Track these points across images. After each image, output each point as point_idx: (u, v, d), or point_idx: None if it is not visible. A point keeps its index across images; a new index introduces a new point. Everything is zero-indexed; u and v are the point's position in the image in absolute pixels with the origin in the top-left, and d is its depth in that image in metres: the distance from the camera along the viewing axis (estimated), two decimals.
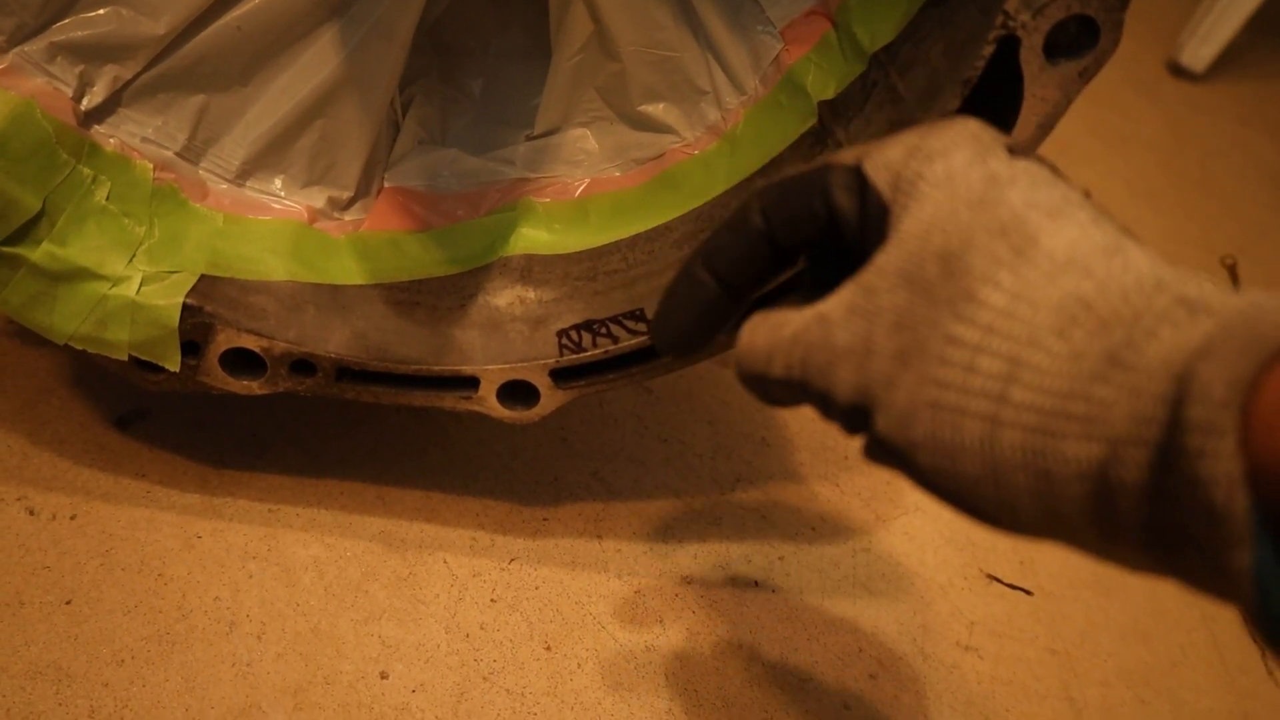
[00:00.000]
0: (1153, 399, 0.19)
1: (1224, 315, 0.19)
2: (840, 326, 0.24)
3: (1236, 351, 0.18)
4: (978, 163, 0.24)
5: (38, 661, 0.39)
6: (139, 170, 0.41)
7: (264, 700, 0.40)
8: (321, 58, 0.42)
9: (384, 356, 0.42)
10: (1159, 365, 0.19)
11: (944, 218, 0.23)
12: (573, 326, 0.42)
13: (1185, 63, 1.13)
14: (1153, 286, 0.21)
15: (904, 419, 0.23)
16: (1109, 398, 0.20)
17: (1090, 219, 0.23)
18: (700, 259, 0.28)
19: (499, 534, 0.49)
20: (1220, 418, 0.18)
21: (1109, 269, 0.21)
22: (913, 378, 0.23)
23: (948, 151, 0.24)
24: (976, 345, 0.22)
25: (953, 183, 0.24)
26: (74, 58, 0.39)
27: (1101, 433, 0.20)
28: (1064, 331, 0.21)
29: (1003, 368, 0.21)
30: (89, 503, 0.45)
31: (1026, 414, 0.21)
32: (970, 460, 0.22)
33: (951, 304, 0.22)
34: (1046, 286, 0.22)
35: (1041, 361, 0.21)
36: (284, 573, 0.45)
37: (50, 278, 0.38)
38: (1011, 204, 0.23)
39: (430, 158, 0.47)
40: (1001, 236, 0.22)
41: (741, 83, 0.45)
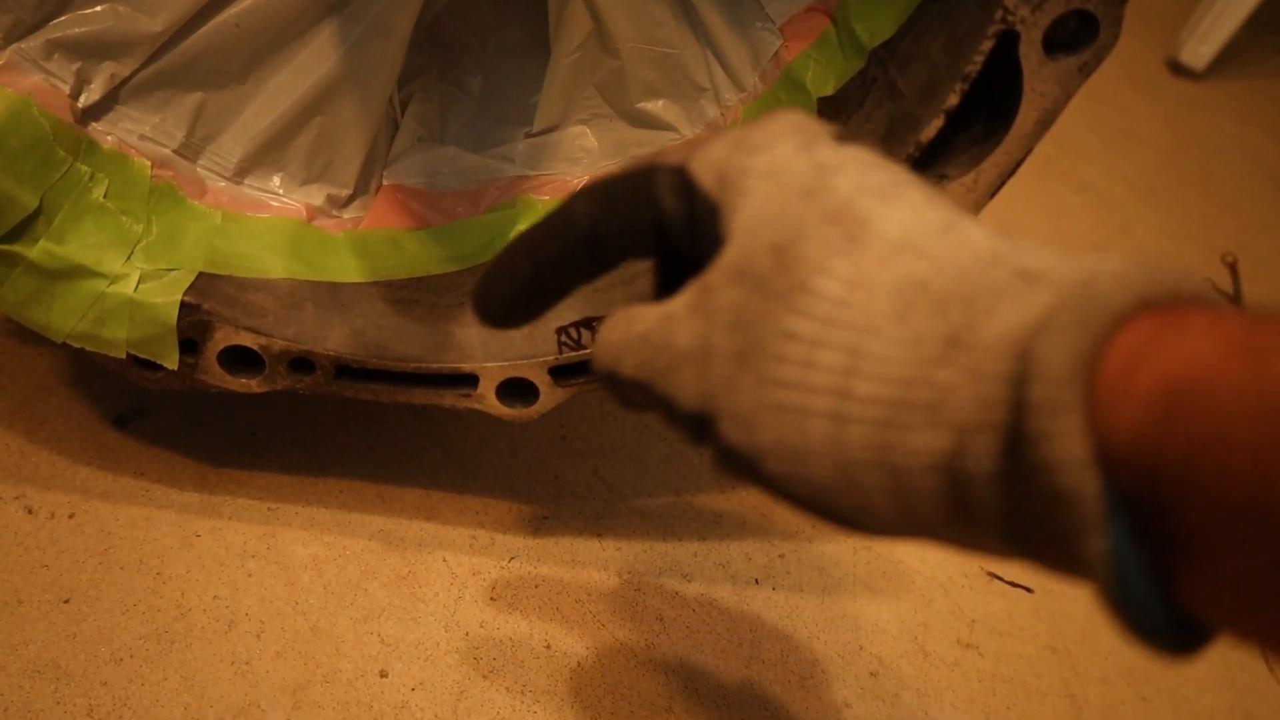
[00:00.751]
0: (995, 380, 0.18)
1: (1062, 285, 0.18)
2: (681, 326, 0.23)
3: (1076, 323, 0.17)
4: (803, 152, 0.23)
5: (36, 660, 0.39)
6: (137, 167, 0.41)
7: (263, 699, 0.40)
8: (320, 55, 0.42)
9: (383, 354, 0.42)
10: (999, 343, 0.18)
11: (774, 210, 0.22)
12: (572, 324, 0.42)
13: (1185, 61, 1.13)
14: (989, 260, 0.20)
15: (748, 425, 0.22)
16: (951, 381, 0.19)
17: (923, 199, 0.22)
18: (522, 244, 0.27)
19: (498, 532, 0.49)
20: (1063, 395, 0.17)
21: (944, 247, 0.20)
22: (753, 379, 0.22)
23: (772, 144, 0.23)
24: (814, 339, 0.21)
25: (779, 174, 0.23)
26: (71, 55, 0.39)
27: (947, 419, 0.19)
28: (902, 315, 0.20)
29: (842, 360, 0.20)
30: (87, 501, 0.45)
31: (870, 407, 0.20)
32: (819, 463, 0.21)
33: (786, 297, 0.21)
34: (881, 270, 0.21)
35: (881, 349, 0.20)
36: (283, 571, 0.45)
37: (48, 275, 0.38)
38: (841, 190, 0.22)
39: (429, 155, 0.47)
40: (832, 223, 0.21)
41: (741, 79, 0.45)
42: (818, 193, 0.22)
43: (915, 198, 0.22)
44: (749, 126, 0.24)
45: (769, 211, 0.22)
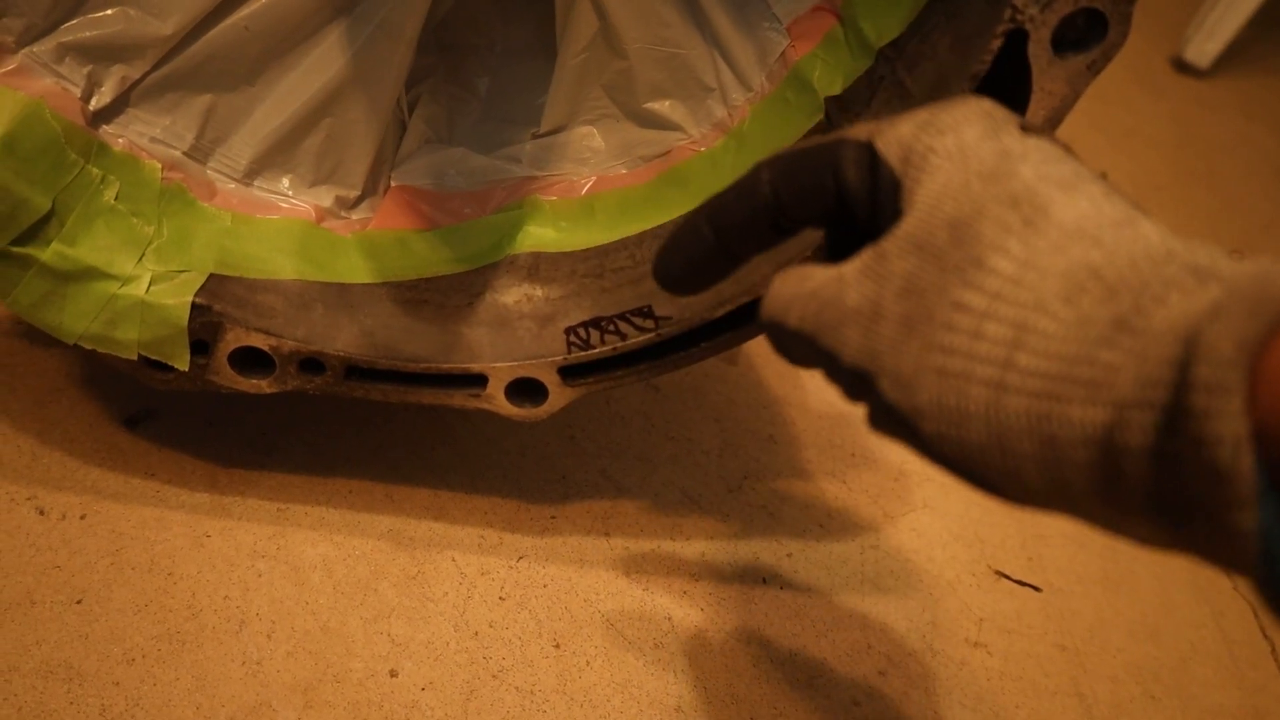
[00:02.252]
0: (1160, 362, 0.19)
1: (1233, 280, 0.19)
2: (852, 287, 0.24)
3: (1245, 313, 0.18)
4: (989, 138, 0.24)
5: (49, 660, 0.39)
6: (147, 170, 0.41)
7: (274, 698, 0.40)
8: (328, 57, 0.42)
9: (392, 354, 0.42)
10: (1166, 329, 0.19)
11: (956, 188, 0.23)
12: (580, 324, 0.42)
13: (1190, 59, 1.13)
14: (1163, 256, 0.21)
15: (909, 385, 0.23)
16: (1115, 362, 0.19)
17: (1103, 193, 0.23)
18: (705, 212, 0.28)
19: (507, 532, 0.49)
20: (1227, 376, 0.17)
21: (1118, 239, 0.21)
22: (918, 343, 0.23)
23: (959, 126, 0.24)
24: (984, 311, 0.22)
25: (964, 155, 0.24)
26: (82, 58, 0.39)
27: (1107, 397, 0.19)
28: (1071, 298, 0.21)
29: (1009, 334, 0.21)
30: (99, 502, 0.45)
31: (1032, 379, 0.21)
32: (976, 427, 0.22)
33: (960, 271, 0.22)
34: (1055, 255, 0.21)
35: (1048, 327, 0.21)
36: (293, 571, 0.45)
37: (60, 277, 0.39)
38: (1023, 176, 0.23)
39: (437, 156, 0.47)
40: (1012, 206, 0.22)
41: (748, 79, 0.45)
42: (1000, 176, 0.23)
43: (1095, 191, 0.23)
44: (938, 108, 0.25)
45: (950, 189, 0.23)
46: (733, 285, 0.41)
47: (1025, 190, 0.23)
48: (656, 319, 0.41)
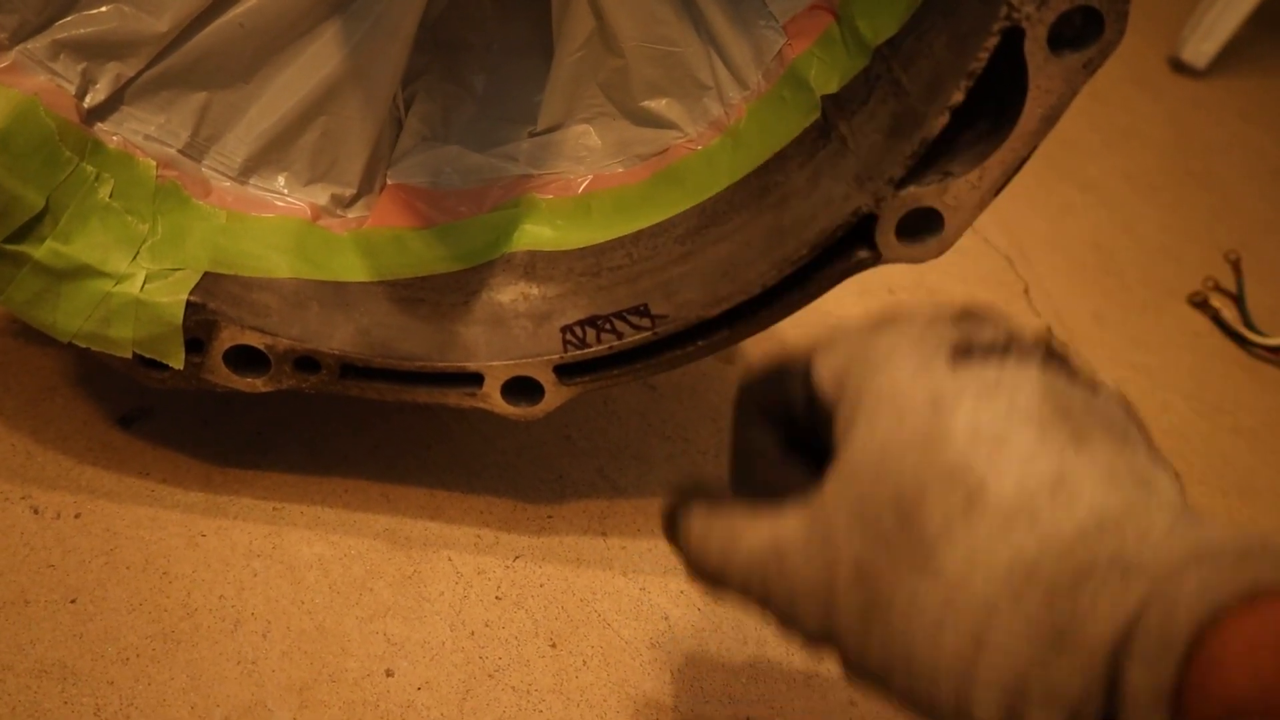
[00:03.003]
0: (1096, 677, 0.20)
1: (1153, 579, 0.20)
2: (799, 566, 0.25)
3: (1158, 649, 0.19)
4: (920, 376, 0.24)
5: (43, 660, 0.39)
6: (142, 168, 0.41)
7: (269, 698, 0.40)
8: (324, 54, 0.42)
9: (388, 353, 0.42)
10: (1097, 647, 0.20)
11: (893, 456, 0.24)
12: (577, 322, 0.42)
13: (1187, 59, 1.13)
14: (1094, 531, 0.21)
15: (880, 673, 0.24)
16: (1064, 668, 0.21)
17: (1034, 440, 0.23)
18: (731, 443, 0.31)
19: (503, 531, 0.49)
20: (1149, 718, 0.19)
21: (1054, 516, 0.22)
22: (880, 635, 0.24)
23: (889, 361, 0.25)
24: (940, 610, 0.23)
25: (896, 405, 0.24)
26: (77, 55, 0.39)
27: (1061, 703, 0.21)
28: (1017, 597, 0.22)
29: (969, 636, 0.22)
30: (93, 501, 0.45)
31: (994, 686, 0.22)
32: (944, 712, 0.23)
33: (911, 561, 0.23)
34: (999, 543, 0.22)
35: (1002, 632, 0.22)
36: (289, 571, 0.45)
37: (54, 275, 0.38)
38: (957, 438, 0.23)
39: (433, 155, 0.47)
40: (951, 484, 0.23)
41: (744, 77, 0.45)
42: (934, 443, 0.23)
43: (1027, 439, 0.23)
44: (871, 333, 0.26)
45: (889, 458, 0.24)
46: (728, 283, 0.41)
47: (960, 463, 0.23)
48: (653, 318, 0.41)
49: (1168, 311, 0.80)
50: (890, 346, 0.25)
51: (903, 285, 0.72)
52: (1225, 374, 0.75)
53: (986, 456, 0.23)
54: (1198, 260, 0.85)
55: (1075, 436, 0.23)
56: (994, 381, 0.24)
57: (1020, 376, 0.24)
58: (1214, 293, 0.81)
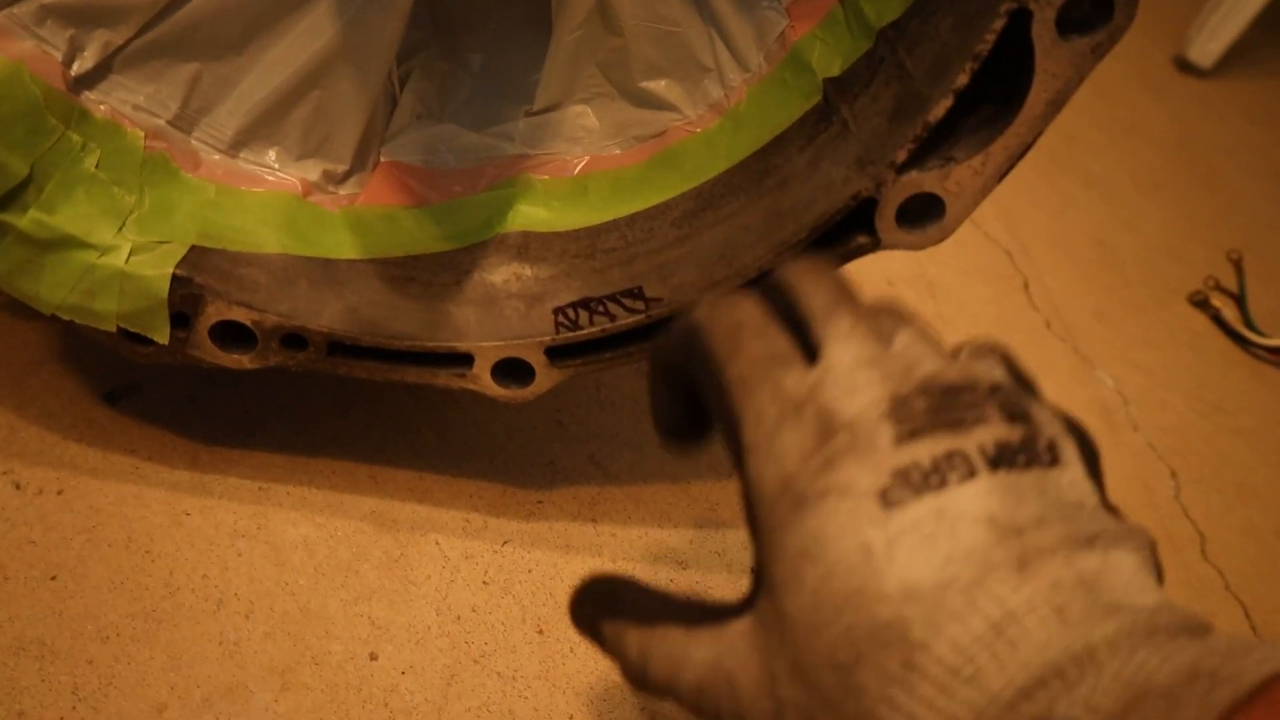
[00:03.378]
0: None
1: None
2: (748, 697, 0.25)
3: None
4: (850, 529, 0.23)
5: (21, 637, 0.39)
6: (130, 138, 0.40)
7: (251, 679, 0.40)
8: (317, 27, 0.41)
9: (377, 332, 0.41)
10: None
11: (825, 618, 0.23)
12: (570, 304, 0.42)
13: (1193, 58, 1.12)
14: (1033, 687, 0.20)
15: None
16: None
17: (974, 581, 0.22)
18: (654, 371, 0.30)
19: (492, 516, 0.48)
20: None
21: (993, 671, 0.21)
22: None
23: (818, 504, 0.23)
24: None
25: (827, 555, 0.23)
26: (64, 21, 0.38)
27: None
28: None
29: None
30: (76, 478, 0.44)
31: None
32: None
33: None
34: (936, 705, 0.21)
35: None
36: (273, 551, 0.44)
37: (37, 245, 0.38)
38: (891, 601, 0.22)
39: (427, 133, 0.46)
40: (887, 650, 0.22)
41: (745, 59, 0.44)
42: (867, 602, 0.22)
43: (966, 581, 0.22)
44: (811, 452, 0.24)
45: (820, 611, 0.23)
46: (724, 267, 0.40)
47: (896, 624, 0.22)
48: (647, 300, 0.41)
49: (1168, 310, 0.79)
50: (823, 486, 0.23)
51: (901, 277, 0.72)
52: (1225, 374, 0.75)
53: (923, 616, 0.22)
54: (1200, 259, 0.85)
55: (1020, 564, 0.22)
56: (933, 521, 0.22)
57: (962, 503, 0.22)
58: (1215, 292, 0.80)
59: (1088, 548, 0.22)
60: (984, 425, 0.23)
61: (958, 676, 0.21)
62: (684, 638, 0.26)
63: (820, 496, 0.23)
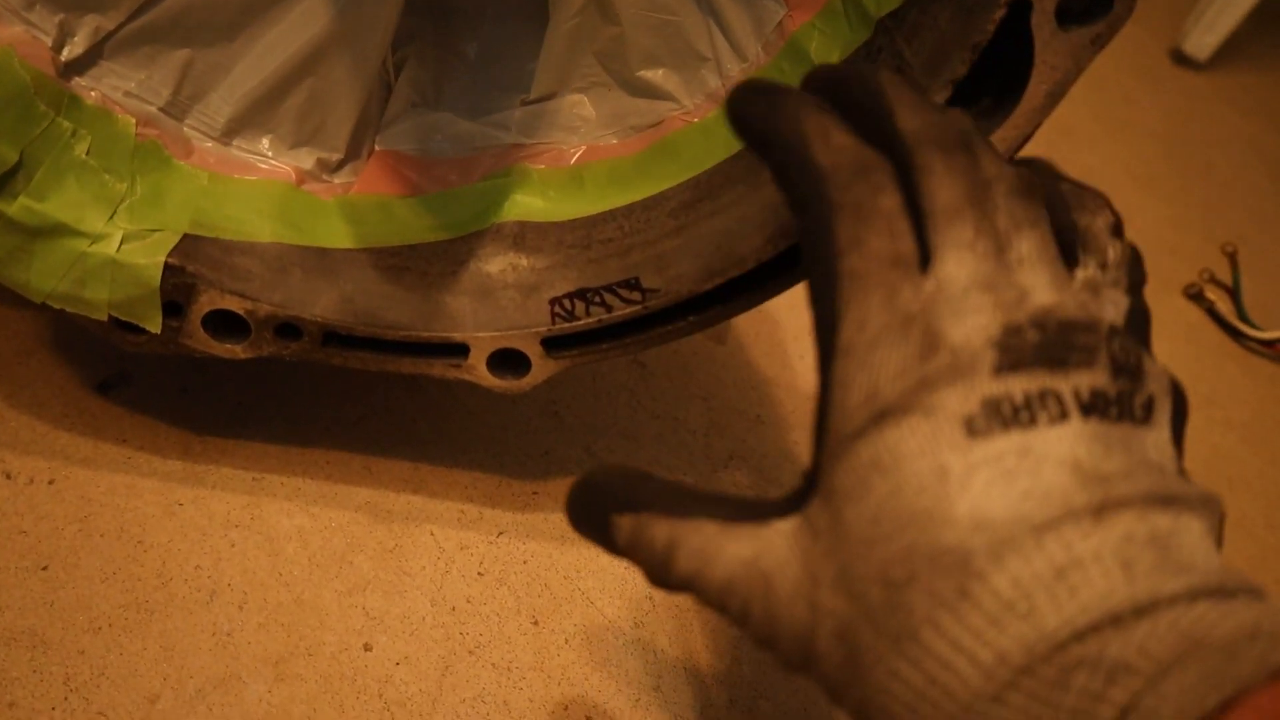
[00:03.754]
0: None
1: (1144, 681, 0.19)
2: (784, 599, 0.24)
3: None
4: (928, 450, 0.22)
5: (12, 628, 0.38)
6: (121, 125, 0.40)
7: (244, 670, 0.39)
8: (312, 14, 0.41)
9: (372, 321, 0.41)
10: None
11: (885, 532, 0.22)
12: (566, 295, 0.41)
13: (1189, 51, 1.12)
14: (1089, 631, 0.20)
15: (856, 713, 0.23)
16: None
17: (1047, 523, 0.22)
18: None
19: (487, 507, 0.48)
20: None
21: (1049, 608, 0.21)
22: (858, 693, 0.23)
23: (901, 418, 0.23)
24: (918, 693, 0.22)
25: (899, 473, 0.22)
26: (54, 6, 0.37)
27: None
28: (997, 698, 0.21)
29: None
30: (68, 467, 0.44)
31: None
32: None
33: (894, 642, 0.22)
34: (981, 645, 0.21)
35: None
36: (267, 542, 0.44)
37: (27, 233, 0.37)
38: (958, 528, 0.22)
39: (423, 121, 0.46)
40: (944, 574, 0.22)
41: (743, 49, 0.44)
42: (933, 524, 0.22)
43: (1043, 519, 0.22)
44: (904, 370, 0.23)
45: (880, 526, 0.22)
46: (721, 258, 0.40)
47: (958, 551, 0.21)
48: (644, 291, 0.41)
49: (1163, 303, 0.79)
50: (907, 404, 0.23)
51: None
52: (1219, 367, 0.75)
53: (987, 547, 0.21)
54: (1195, 252, 0.85)
55: (1097, 512, 0.21)
56: (1016, 457, 0.22)
57: (1048, 445, 0.22)
58: (1209, 285, 0.81)
59: (1164, 507, 0.22)
60: (1088, 370, 0.23)
61: (1012, 611, 0.21)
62: (718, 532, 0.25)
63: (904, 412, 0.23)
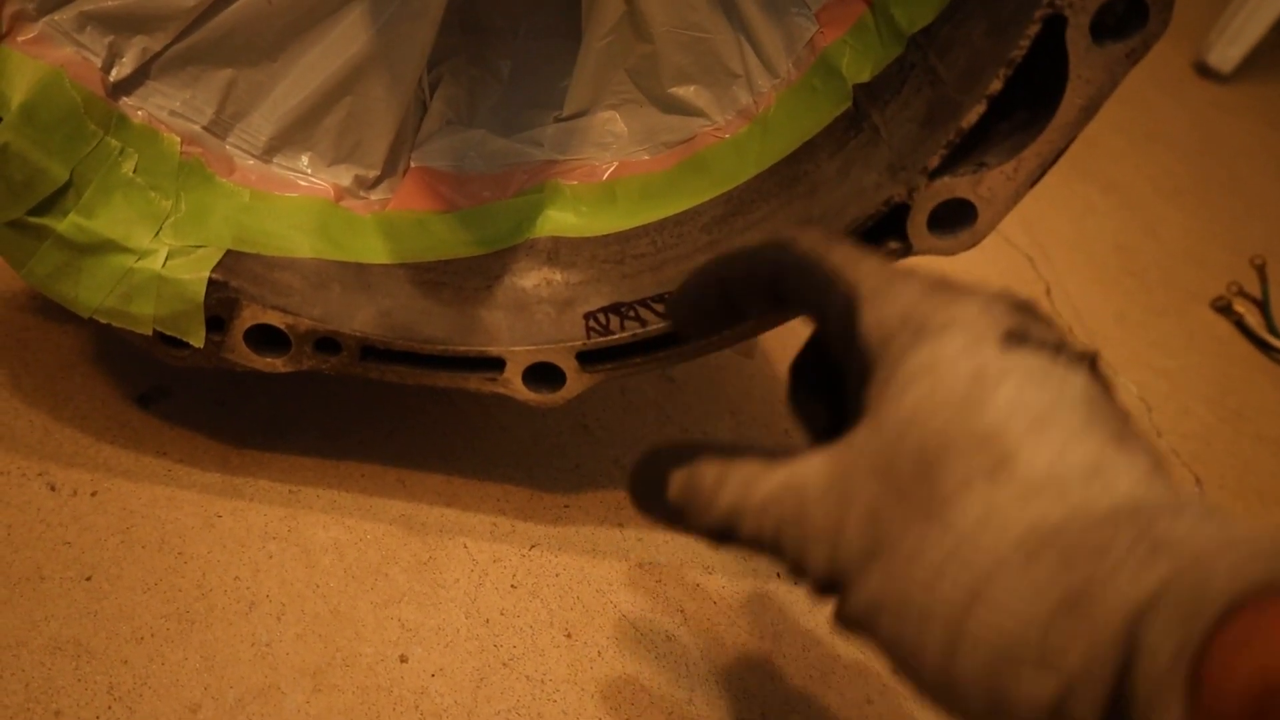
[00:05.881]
0: (1107, 643, 0.19)
1: (1181, 556, 0.19)
2: (814, 506, 0.24)
3: (1184, 613, 0.18)
4: (967, 354, 0.24)
5: (58, 636, 0.39)
6: (166, 143, 0.41)
7: (283, 681, 0.40)
8: (351, 34, 0.42)
9: (409, 336, 0.41)
10: (1114, 612, 0.20)
11: (924, 414, 0.23)
12: (600, 309, 0.42)
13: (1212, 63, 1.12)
14: (1127, 514, 0.21)
15: (870, 611, 0.23)
16: (1068, 632, 0.20)
17: (1080, 425, 0.22)
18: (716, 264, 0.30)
19: (520, 520, 0.49)
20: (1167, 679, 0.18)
21: (1085, 494, 0.21)
22: (881, 574, 0.23)
23: (940, 332, 0.24)
24: (946, 556, 0.22)
25: (938, 373, 0.23)
26: (104, 28, 0.38)
27: (1060, 665, 0.20)
28: (1030, 560, 0.21)
29: (969, 584, 0.22)
30: (110, 479, 0.45)
31: (989, 634, 0.21)
32: (930, 665, 0.22)
33: (925, 510, 0.22)
34: (1018, 508, 0.22)
35: (1006, 587, 0.21)
36: (304, 554, 0.44)
37: (76, 249, 0.38)
38: (995, 410, 0.23)
39: (457, 138, 0.47)
40: (979, 447, 0.22)
41: (774, 65, 0.44)
42: (971, 408, 0.23)
43: (1071, 425, 0.22)
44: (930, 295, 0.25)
45: (920, 415, 0.23)
46: None
47: (995, 428, 0.22)
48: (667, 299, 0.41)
49: (1190, 315, 0.79)
50: (944, 319, 0.24)
51: None
52: (1248, 380, 0.75)
53: (1023, 430, 0.22)
54: (1222, 265, 0.85)
55: (1117, 437, 0.23)
56: (1043, 371, 0.23)
57: (1070, 374, 0.23)
58: (1238, 298, 0.80)
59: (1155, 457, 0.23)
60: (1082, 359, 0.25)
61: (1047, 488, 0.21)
62: (762, 466, 0.26)
63: (943, 327, 0.24)
